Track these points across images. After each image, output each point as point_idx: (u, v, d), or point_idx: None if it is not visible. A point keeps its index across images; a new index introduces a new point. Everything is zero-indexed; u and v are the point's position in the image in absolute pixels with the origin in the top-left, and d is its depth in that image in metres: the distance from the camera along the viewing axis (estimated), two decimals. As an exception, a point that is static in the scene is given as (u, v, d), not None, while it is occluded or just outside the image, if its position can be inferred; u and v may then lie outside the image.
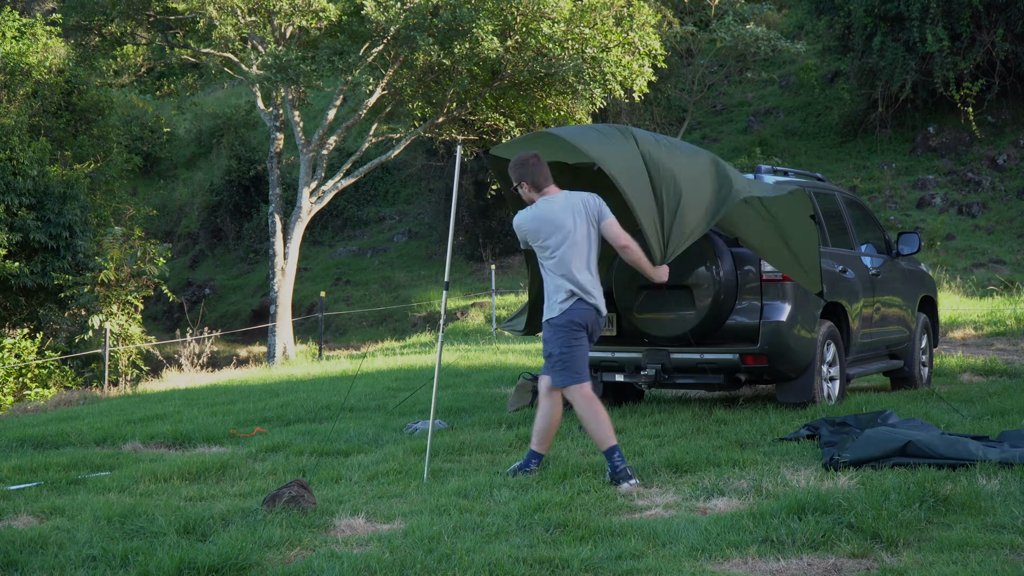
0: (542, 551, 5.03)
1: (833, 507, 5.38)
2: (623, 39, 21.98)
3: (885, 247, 10.68)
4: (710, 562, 4.87)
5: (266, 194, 32.60)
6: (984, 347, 15.28)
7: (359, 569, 4.86)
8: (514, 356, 15.27)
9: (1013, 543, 4.93)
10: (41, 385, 19.75)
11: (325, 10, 21.94)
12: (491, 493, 6.33)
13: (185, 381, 16.83)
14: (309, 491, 6.11)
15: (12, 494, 6.98)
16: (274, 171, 25.31)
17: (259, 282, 32.99)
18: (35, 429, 10.06)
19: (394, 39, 22.00)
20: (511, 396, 10.16)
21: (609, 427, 6.57)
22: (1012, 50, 26.40)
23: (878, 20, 26.99)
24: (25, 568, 5.14)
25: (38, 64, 26.13)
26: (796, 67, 32.61)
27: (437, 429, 9.14)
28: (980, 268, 22.64)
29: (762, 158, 27.56)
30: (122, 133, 29.27)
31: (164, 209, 38.43)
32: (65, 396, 15.79)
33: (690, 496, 6.10)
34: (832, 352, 9.19)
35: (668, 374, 8.79)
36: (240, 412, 10.59)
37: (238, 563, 5.00)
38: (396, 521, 5.82)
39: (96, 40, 25.51)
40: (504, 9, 21.23)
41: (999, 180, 26.32)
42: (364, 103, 24.35)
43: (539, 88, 23.38)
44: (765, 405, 9.14)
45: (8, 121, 22.80)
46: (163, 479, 7.27)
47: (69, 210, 23.06)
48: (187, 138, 41.57)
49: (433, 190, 32.82)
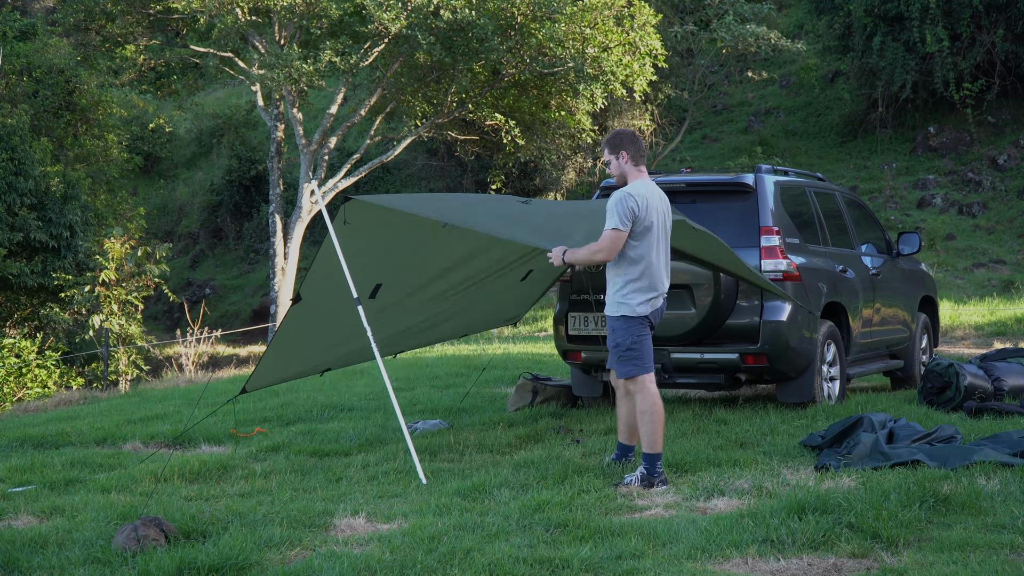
0: (542, 551, 5.03)
1: (833, 507, 5.38)
2: (623, 39, 21.99)
3: (885, 247, 10.68)
4: (710, 562, 4.87)
5: (266, 194, 32.60)
6: (984, 347, 15.27)
7: (359, 569, 4.86)
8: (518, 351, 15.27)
9: (1013, 543, 4.93)
10: (41, 385, 19.74)
11: (326, 10, 21.95)
12: (491, 493, 6.33)
13: (185, 381, 16.84)
14: (160, 529, 5.47)
15: (12, 494, 6.98)
16: (274, 171, 25.31)
17: (259, 282, 32.99)
18: (35, 429, 10.06)
19: (395, 38, 22.00)
20: (511, 396, 10.16)
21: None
22: (1012, 50, 26.39)
23: (878, 20, 26.98)
24: (25, 568, 5.14)
25: (39, 64, 26.12)
26: (796, 67, 32.61)
27: (437, 429, 9.14)
28: (980, 268, 22.64)
29: (762, 158, 27.56)
30: (122, 133, 29.23)
31: (164, 209, 38.43)
32: (65, 396, 15.78)
33: (690, 496, 6.10)
34: (832, 352, 9.18)
35: (668, 374, 8.78)
36: (240, 412, 10.59)
37: (238, 563, 5.00)
38: (396, 521, 5.82)
39: (96, 40, 25.51)
40: (504, 9, 21.24)
41: (999, 180, 26.32)
42: (365, 102, 24.35)
43: (540, 88, 23.39)
44: (765, 405, 9.14)
45: (10, 121, 22.79)
46: (163, 479, 7.27)
47: (70, 210, 23.05)
48: (187, 138, 41.55)
49: (433, 190, 32.82)
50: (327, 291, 7.81)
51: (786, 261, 8.65)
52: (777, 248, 8.64)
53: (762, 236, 8.67)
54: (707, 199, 8.99)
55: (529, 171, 29.36)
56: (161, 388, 15.82)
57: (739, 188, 8.91)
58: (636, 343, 6.52)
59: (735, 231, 8.71)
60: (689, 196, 9.01)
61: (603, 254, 6.47)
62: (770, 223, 8.71)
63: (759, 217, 8.73)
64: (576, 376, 9.60)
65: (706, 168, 27.35)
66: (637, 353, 6.52)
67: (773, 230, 8.69)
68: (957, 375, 8.75)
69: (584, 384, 9.56)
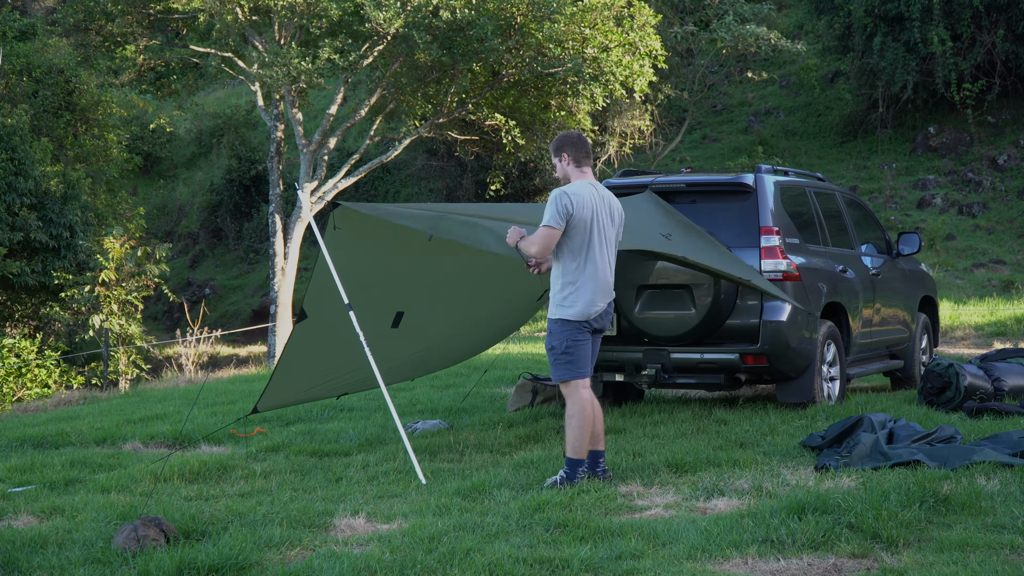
0: (542, 551, 5.02)
1: (833, 507, 5.38)
2: (623, 39, 22.00)
3: (885, 247, 10.68)
4: (710, 562, 4.87)
5: (266, 194, 32.60)
6: (984, 347, 15.27)
7: (359, 569, 4.86)
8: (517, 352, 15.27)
9: (1013, 543, 4.93)
10: (41, 385, 19.74)
11: (326, 10, 21.95)
12: (491, 493, 6.33)
13: (185, 381, 16.84)
14: (160, 529, 5.49)
15: (12, 494, 6.98)
16: (274, 171, 25.31)
17: (259, 282, 32.98)
18: (35, 429, 10.06)
19: (394, 38, 22.00)
20: (511, 396, 10.17)
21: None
22: (1013, 50, 26.39)
23: (878, 20, 26.97)
24: (25, 568, 5.14)
25: (39, 64, 26.13)
26: (796, 67, 32.60)
27: (437, 429, 9.14)
28: (980, 268, 22.64)
29: (763, 158, 27.56)
30: (122, 133, 29.24)
31: (164, 209, 38.42)
32: (65, 396, 15.77)
33: (690, 496, 6.10)
34: (832, 352, 9.18)
35: (668, 374, 8.78)
36: (240, 412, 10.59)
37: (238, 563, 5.00)
38: (396, 521, 5.82)
39: (96, 40, 25.51)
40: (504, 9, 21.24)
41: (999, 180, 26.31)
42: (364, 102, 24.35)
43: (539, 88, 23.38)
44: (765, 405, 9.14)
45: (10, 121, 22.80)
46: (163, 479, 7.27)
47: (70, 210, 23.06)
48: (187, 138, 41.54)
49: (433, 190, 32.81)
50: (330, 306, 7.74)
51: (786, 261, 8.65)
52: (777, 248, 8.65)
53: (762, 236, 8.68)
54: (707, 199, 9.00)
55: (529, 171, 29.36)
56: (161, 388, 15.82)
57: (739, 188, 8.91)
58: (571, 347, 6.49)
59: (735, 231, 8.72)
60: (689, 196, 9.03)
61: (535, 247, 6.47)
62: (770, 223, 8.71)
63: (759, 217, 8.73)
64: (576, 376, 9.58)
65: (706, 168, 27.37)
66: (570, 357, 6.49)
67: (773, 230, 8.69)
68: (957, 375, 8.75)
69: (584, 384, 9.55)
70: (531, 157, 26.35)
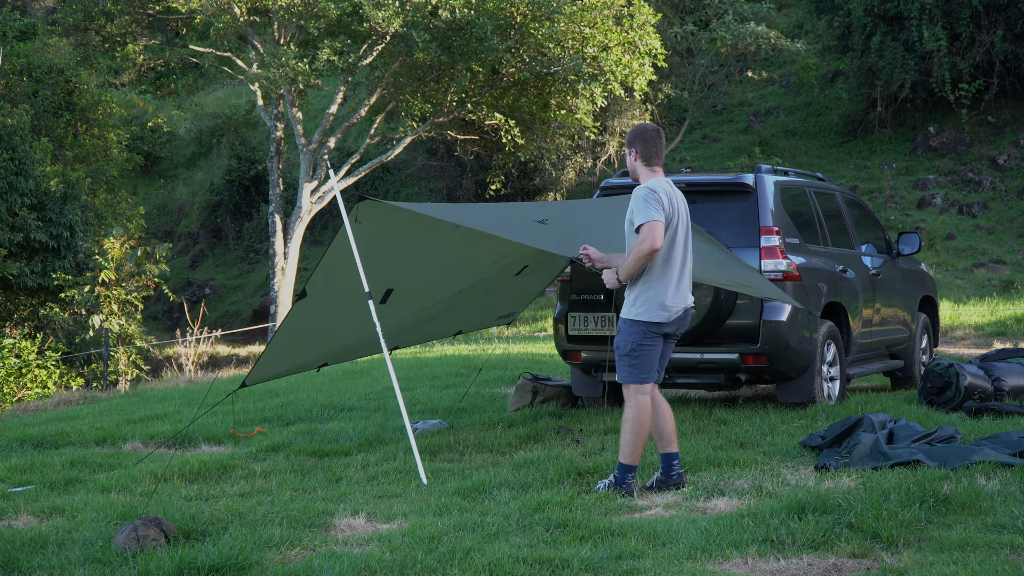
0: (542, 551, 5.02)
1: (833, 507, 5.38)
2: (623, 38, 22.00)
3: (885, 247, 10.68)
4: (710, 562, 4.87)
5: (266, 194, 32.61)
6: (984, 347, 15.27)
7: (359, 569, 4.86)
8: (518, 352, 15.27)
9: (1013, 543, 4.93)
10: (41, 385, 19.74)
11: (325, 10, 21.95)
12: (491, 493, 6.33)
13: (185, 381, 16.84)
14: (160, 529, 5.48)
15: (12, 494, 6.98)
16: (274, 171, 25.31)
17: (259, 282, 32.99)
18: (35, 429, 10.06)
19: (393, 38, 22.00)
20: (511, 396, 10.17)
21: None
22: (1012, 50, 26.39)
23: (878, 20, 26.98)
24: (25, 568, 5.14)
25: (39, 64, 26.13)
26: (796, 67, 32.60)
27: (437, 429, 9.14)
28: (980, 268, 22.64)
29: (762, 158, 27.56)
30: (122, 133, 29.24)
31: (164, 209, 38.43)
32: (65, 396, 15.78)
33: (690, 496, 6.10)
34: (832, 352, 9.18)
35: (668, 374, 8.78)
36: (240, 412, 10.60)
37: (238, 563, 5.00)
38: (396, 521, 5.82)
39: (96, 40, 25.51)
40: (504, 8, 21.24)
41: (999, 180, 26.32)
42: (364, 102, 24.35)
43: (539, 87, 23.39)
44: (765, 405, 9.14)
45: (10, 121, 22.80)
46: (163, 479, 7.27)
47: (70, 210, 23.06)
48: (187, 138, 41.55)
49: (433, 190, 32.81)
50: (333, 286, 7.81)
51: (786, 261, 8.65)
52: (777, 248, 8.64)
53: (762, 236, 8.67)
54: (707, 199, 8.98)
55: (529, 171, 29.36)
56: (161, 388, 15.83)
57: (739, 188, 8.91)
58: (636, 350, 6.21)
59: (735, 231, 8.72)
60: (689, 196, 8.94)
61: (648, 243, 6.02)
62: (770, 223, 8.71)
63: (759, 217, 8.73)
64: (576, 376, 9.60)
65: (706, 168, 27.35)
66: (634, 360, 6.23)
67: (773, 230, 8.69)
68: (957, 375, 8.75)
69: (584, 384, 9.56)
70: (531, 157, 26.35)
